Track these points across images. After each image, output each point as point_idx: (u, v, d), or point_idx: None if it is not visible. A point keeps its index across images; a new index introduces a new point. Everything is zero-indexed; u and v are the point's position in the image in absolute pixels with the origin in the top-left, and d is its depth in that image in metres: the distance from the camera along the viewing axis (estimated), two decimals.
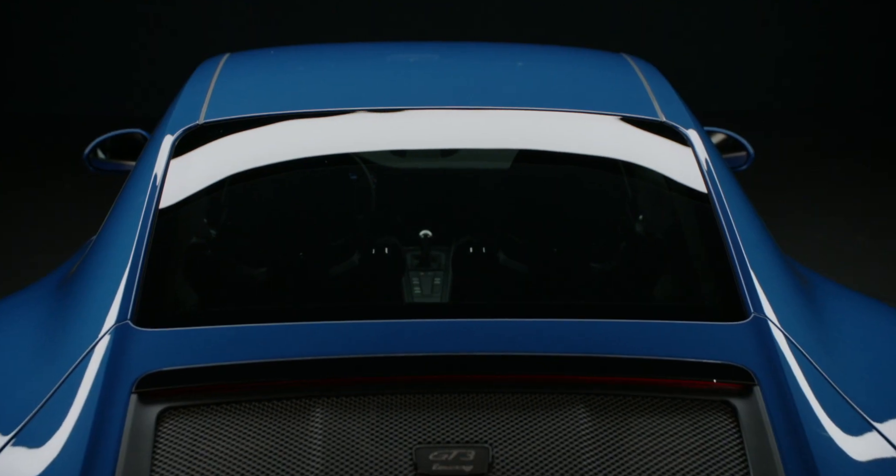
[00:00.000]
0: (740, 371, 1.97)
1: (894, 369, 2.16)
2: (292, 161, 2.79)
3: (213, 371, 1.95)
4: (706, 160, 2.58)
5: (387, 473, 1.77)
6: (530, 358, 1.99)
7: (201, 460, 1.79)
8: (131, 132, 3.61)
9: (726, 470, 1.79)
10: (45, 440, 1.83)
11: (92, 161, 3.50)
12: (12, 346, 2.19)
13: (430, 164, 3.37)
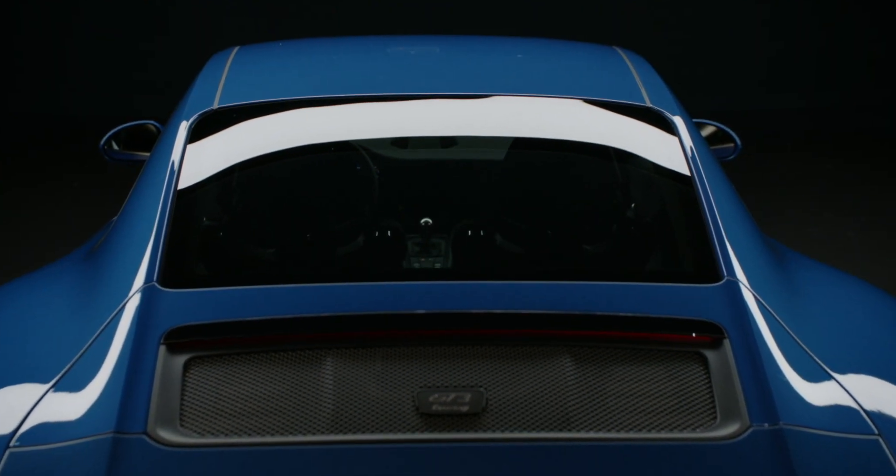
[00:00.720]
0: (711, 326, 2.19)
1: (855, 328, 2.39)
2: (302, 145, 3.02)
3: (233, 325, 2.18)
4: (690, 143, 2.80)
5: (391, 413, 1.98)
6: (521, 315, 2.21)
7: (224, 401, 2.01)
8: (144, 123, 3.85)
9: (696, 410, 2.01)
10: (85, 384, 2.05)
11: (107, 152, 3.73)
12: (49, 306, 2.42)
13: (430, 156, 3.61)
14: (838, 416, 2.01)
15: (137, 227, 2.52)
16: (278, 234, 2.89)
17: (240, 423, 1.95)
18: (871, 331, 2.40)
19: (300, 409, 1.98)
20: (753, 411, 1.98)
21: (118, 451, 1.86)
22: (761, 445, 1.91)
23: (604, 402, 2.01)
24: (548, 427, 1.95)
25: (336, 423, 1.95)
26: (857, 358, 2.21)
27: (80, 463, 1.85)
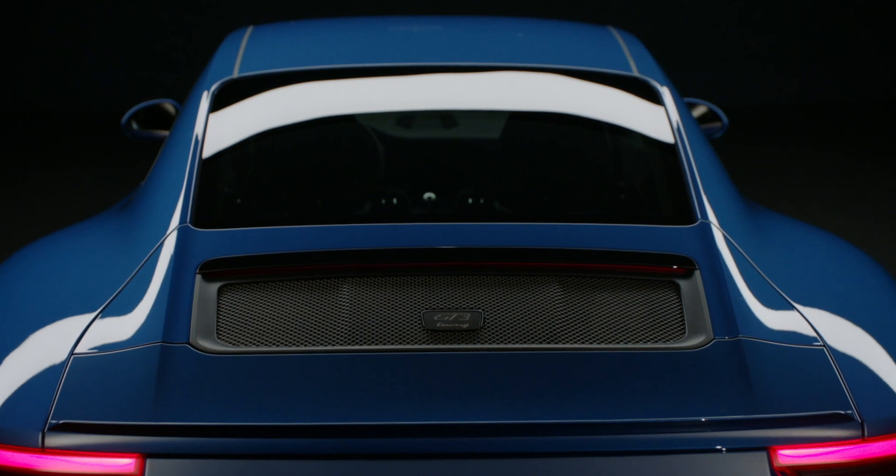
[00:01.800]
0: (684, 259, 2.51)
1: (813, 265, 2.71)
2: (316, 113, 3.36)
3: (260, 258, 2.50)
4: (674, 109, 3.14)
5: (400, 331, 2.30)
6: (516, 250, 2.54)
7: (254, 319, 2.33)
8: (163, 102, 4.19)
9: (667, 327, 2.33)
10: (134, 306, 2.37)
11: (129, 129, 4.07)
12: (94, 246, 2.75)
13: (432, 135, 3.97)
14: (790, 331, 2.32)
15: (169, 179, 2.85)
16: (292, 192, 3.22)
17: (268, 337, 2.27)
18: (828, 267, 2.72)
19: (320, 326, 2.30)
20: (717, 326, 2.30)
21: (166, 357, 2.18)
22: (722, 354, 2.22)
23: (587, 321, 2.33)
24: (537, 340, 2.26)
25: (352, 337, 2.26)
26: (812, 287, 2.53)
27: (135, 366, 2.17)
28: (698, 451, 2.02)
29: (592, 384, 2.14)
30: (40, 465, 2.01)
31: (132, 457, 1.99)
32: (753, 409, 2.06)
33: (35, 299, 2.51)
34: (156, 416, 2.03)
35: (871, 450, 2.06)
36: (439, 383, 2.14)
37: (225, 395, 2.09)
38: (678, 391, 2.12)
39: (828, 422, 2.05)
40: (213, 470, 1.98)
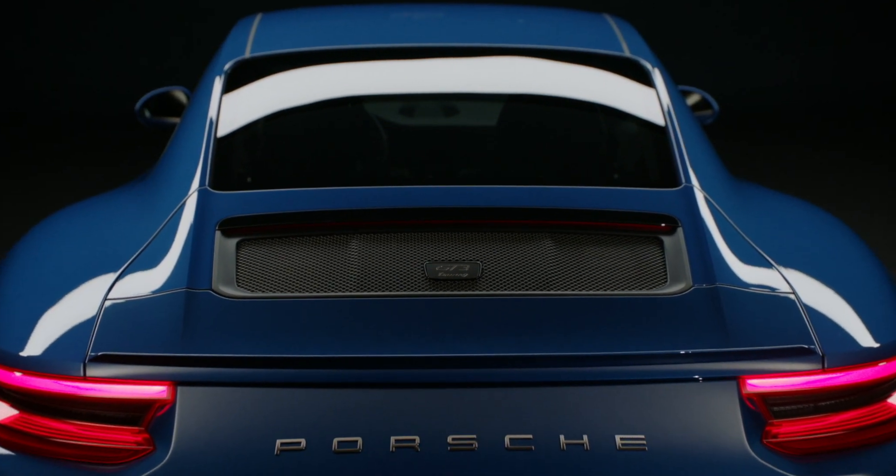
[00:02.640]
0: (668, 218, 2.76)
1: (788, 225, 2.96)
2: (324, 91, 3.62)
3: (275, 216, 2.75)
4: (663, 87, 3.40)
5: (404, 280, 2.54)
6: (512, 209, 2.79)
7: (270, 269, 2.58)
8: (174, 89, 4.45)
9: (651, 276, 2.57)
10: (160, 258, 2.61)
11: (142, 116, 4.34)
12: (119, 210, 3.00)
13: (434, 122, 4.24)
14: (763, 280, 2.57)
15: (187, 149, 3.10)
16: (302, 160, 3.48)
17: (283, 285, 2.52)
18: (801, 228, 2.97)
19: (331, 275, 2.55)
20: (696, 276, 2.55)
21: (191, 301, 2.43)
22: (700, 299, 2.47)
23: (577, 271, 2.58)
24: (531, 288, 2.51)
25: (360, 285, 2.51)
26: (785, 244, 2.78)
27: (163, 308, 2.42)
28: (676, 380, 2.27)
29: (581, 324, 2.39)
30: (83, 392, 2.25)
31: (165, 384, 2.24)
32: (725, 343, 2.31)
33: (69, 254, 2.76)
34: (184, 350, 2.27)
35: (829, 380, 2.31)
36: (440, 323, 2.38)
37: (246, 332, 2.34)
38: (658, 329, 2.37)
39: (792, 355, 2.30)
40: (235, 396, 2.23)
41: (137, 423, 2.24)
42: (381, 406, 2.22)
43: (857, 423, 2.32)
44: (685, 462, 2.19)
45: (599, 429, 2.21)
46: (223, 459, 2.17)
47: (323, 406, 2.22)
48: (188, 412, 2.21)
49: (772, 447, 2.25)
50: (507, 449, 2.19)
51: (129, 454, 2.22)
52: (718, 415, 2.24)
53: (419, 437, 2.19)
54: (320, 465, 2.16)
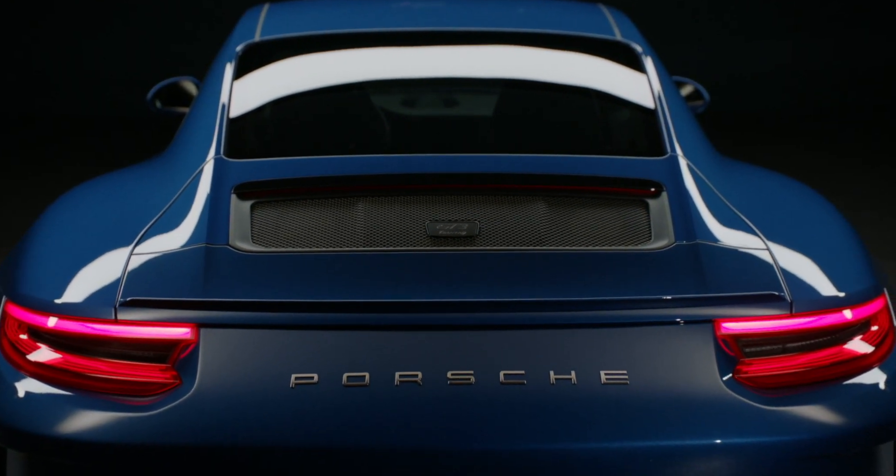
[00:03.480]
0: (654, 183, 3.01)
1: (766, 192, 3.21)
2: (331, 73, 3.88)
3: (287, 181, 3.00)
4: (652, 68, 3.66)
5: (407, 236, 2.78)
6: (508, 174, 3.04)
7: (282, 228, 2.82)
8: (183, 79, 4.71)
9: (636, 234, 2.81)
10: (181, 218, 2.86)
11: (153, 105, 4.60)
12: (139, 178, 3.25)
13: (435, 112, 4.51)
14: (739, 237, 2.82)
15: (202, 124, 3.35)
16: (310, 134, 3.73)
17: (295, 242, 2.76)
18: (777, 194, 3.23)
19: (339, 233, 2.79)
20: (678, 233, 2.79)
21: (210, 254, 2.68)
22: (681, 253, 2.72)
23: (568, 229, 2.83)
24: (525, 244, 2.76)
25: (366, 241, 2.75)
26: (762, 207, 3.02)
27: (184, 261, 2.67)
28: (657, 323, 2.52)
29: (571, 274, 2.64)
30: (115, 334, 2.50)
31: (188, 327, 2.49)
32: (702, 290, 2.56)
33: (95, 216, 3.01)
34: (205, 295, 2.52)
35: (796, 324, 2.56)
36: (441, 273, 2.63)
37: (261, 281, 2.59)
38: (641, 279, 2.62)
39: (763, 301, 2.55)
40: (253, 337, 2.48)
41: (165, 361, 2.48)
42: (387, 345, 2.47)
43: (820, 363, 2.56)
44: (663, 394, 2.44)
45: (586, 365, 2.45)
46: (243, 391, 2.42)
47: (333, 345, 2.47)
48: (210, 351, 2.46)
49: (742, 382, 2.49)
50: (502, 383, 2.43)
51: (159, 387, 2.47)
52: (695, 354, 2.49)
53: (421, 373, 2.43)
54: (331, 397, 2.41)
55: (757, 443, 2.42)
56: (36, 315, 2.57)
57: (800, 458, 2.44)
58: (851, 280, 2.69)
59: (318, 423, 2.38)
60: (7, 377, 2.53)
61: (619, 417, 2.40)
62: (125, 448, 2.38)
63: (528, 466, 2.38)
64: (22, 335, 2.58)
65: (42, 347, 2.55)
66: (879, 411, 2.52)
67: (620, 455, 2.38)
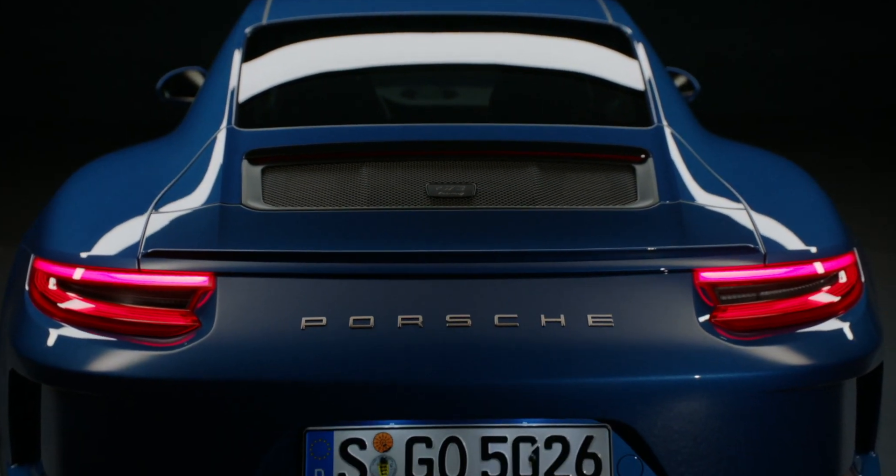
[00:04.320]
0: (641, 150, 3.25)
1: (746, 161, 3.45)
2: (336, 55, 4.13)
3: (295, 148, 3.24)
4: (642, 50, 3.90)
5: (408, 196, 3.00)
6: (503, 142, 3.28)
7: (292, 190, 3.05)
8: (190, 69, 4.97)
9: (624, 195, 3.04)
10: (197, 181, 3.09)
11: (161, 94, 4.85)
12: (156, 148, 3.50)
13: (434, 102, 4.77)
14: (719, 198, 3.05)
15: (214, 98, 3.60)
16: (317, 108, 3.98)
17: (304, 202, 3.00)
18: (757, 162, 3.47)
19: (345, 194, 3.03)
20: (662, 193, 3.03)
21: (224, 212, 2.91)
22: (664, 211, 2.95)
23: (559, 192, 3.06)
24: (519, 204, 2.99)
25: (370, 201, 2.99)
26: (742, 173, 3.26)
27: (201, 218, 2.90)
28: (640, 272, 2.75)
29: (561, 228, 2.87)
30: (138, 282, 2.74)
31: (206, 275, 2.72)
32: (683, 243, 2.80)
33: (115, 181, 3.25)
34: (221, 247, 2.76)
35: (768, 274, 2.79)
36: (440, 228, 2.87)
37: (272, 234, 2.82)
38: (627, 232, 2.85)
39: (738, 252, 2.78)
40: (266, 284, 2.71)
41: (185, 307, 2.72)
42: (390, 292, 2.71)
43: (790, 310, 2.80)
44: (645, 335, 2.67)
45: (574, 309, 2.69)
46: (258, 332, 2.65)
47: (340, 292, 2.70)
48: (227, 297, 2.70)
49: (717, 325, 2.73)
50: (496, 325, 2.67)
51: (181, 330, 2.70)
52: (675, 300, 2.72)
53: (422, 316, 2.67)
54: (339, 338, 2.64)
55: (730, 378, 2.65)
56: (64, 267, 2.81)
57: (768, 391, 2.68)
58: (822, 238, 2.93)
59: (326, 360, 2.62)
60: (39, 323, 2.77)
61: (604, 356, 2.64)
62: (150, 382, 2.62)
63: (520, 399, 2.61)
64: (51, 286, 2.81)
65: (70, 296, 2.78)
66: (842, 352, 2.76)
67: (606, 389, 2.61)
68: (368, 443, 2.64)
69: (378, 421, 2.63)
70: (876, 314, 2.94)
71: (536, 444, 2.64)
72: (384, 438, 2.64)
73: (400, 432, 2.64)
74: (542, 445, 2.64)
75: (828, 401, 2.76)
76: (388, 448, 2.64)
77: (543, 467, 2.64)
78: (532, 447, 2.64)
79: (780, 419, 2.69)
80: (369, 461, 2.63)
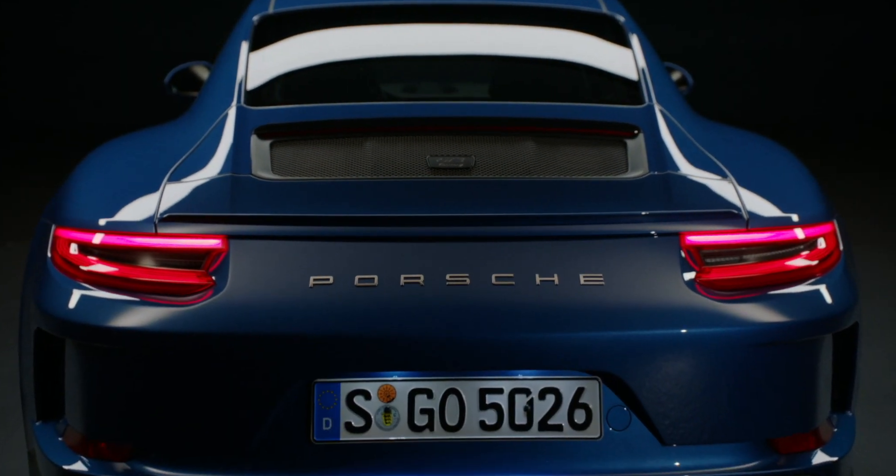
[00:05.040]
0: (632, 125, 3.44)
1: (733, 138, 3.66)
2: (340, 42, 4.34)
3: (302, 123, 3.44)
4: (636, 37, 4.11)
5: (410, 167, 3.18)
6: (501, 118, 3.48)
7: (299, 162, 3.24)
8: (196, 64, 5.17)
9: (615, 166, 3.23)
10: (210, 154, 3.28)
11: (169, 88, 5.06)
12: (167, 128, 3.71)
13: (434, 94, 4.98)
14: (706, 170, 3.24)
15: (223, 81, 3.80)
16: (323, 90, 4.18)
17: (311, 172, 3.19)
18: (742, 139, 3.68)
19: (350, 166, 3.22)
20: (652, 165, 3.22)
21: (235, 181, 3.10)
22: (654, 181, 3.15)
23: (554, 163, 3.25)
24: (515, 174, 3.19)
25: (374, 171, 3.18)
26: (729, 149, 3.46)
27: (213, 187, 3.09)
28: (630, 235, 2.94)
29: (556, 195, 3.06)
30: (155, 245, 2.93)
31: (219, 238, 2.91)
32: (670, 208, 2.99)
33: (131, 157, 3.46)
34: (233, 211, 2.95)
35: (750, 237, 2.99)
36: (440, 195, 3.06)
37: (281, 200, 3.02)
38: (618, 199, 3.05)
39: (723, 217, 2.98)
40: (276, 246, 2.89)
41: (200, 267, 2.91)
42: (393, 253, 2.90)
43: (770, 271, 3.00)
44: (634, 293, 2.86)
45: (567, 270, 2.88)
46: (269, 290, 2.84)
47: (345, 253, 2.90)
48: (239, 258, 2.89)
49: (701, 284, 2.92)
50: (493, 284, 2.86)
51: (196, 288, 2.89)
52: (662, 261, 2.91)
53: (423, 276, 2.86)
54: (345, 296, 2.83)
55: (712, 333, 2.85)
56: (84, 233, 3.00)
57: (748, 345, 2.87)
58: (803, 207, 3.12)
59: (332, 316, 2.81)
60: (62, 284, 2.96)
61: (594, 312, 2.83)
62: (169, 336, 2.81)
63: (515, 352, 2.80)
64: (72, 251, 3.00)
65: (91, 260, 2.98)
66: (817, 310, 2.96)
67: (596, 343, 2.81)
68: (373, 394, 2.83)
69: (382, 373, 2.83)
70: (852, 279, 3.13)
71: (531, 395, 2.84)
72: (388, 390, 2.83)
73: (403, 384, 2.83)
74: (537, 396, 2.84)
75: (805, 355, 2.95)
76: (391, 399, 2.83)
77: (537, 417, 2.84)
78: (527, 398, 2.84)
79: (760, 372, 2.89)
80: (374, 411, 2.83)
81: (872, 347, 5.32)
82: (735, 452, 2.90)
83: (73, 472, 2.90)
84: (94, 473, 2.87)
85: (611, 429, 2.85)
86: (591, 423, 2.84)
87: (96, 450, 2.91)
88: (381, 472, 2.82)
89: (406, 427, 2.83)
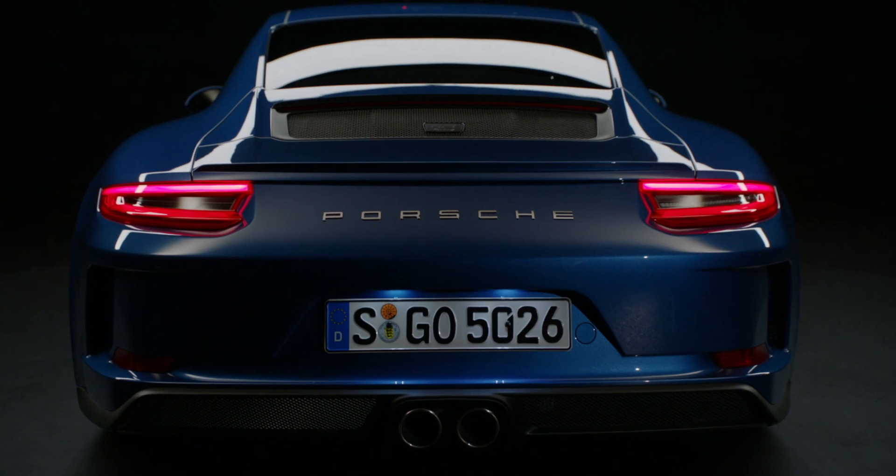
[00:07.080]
0: (601, 102, 4.09)
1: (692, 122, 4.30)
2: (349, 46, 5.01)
3: (314, 99, 4.08)
4: (610, 44, 4.78)
5: (408, 131, 3.80)
6: (488, 95, 4.13)
7: (313, 128, 3.86)
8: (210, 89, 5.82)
9: (586, 134, 3.86)
10: (233, 127, 3.90)
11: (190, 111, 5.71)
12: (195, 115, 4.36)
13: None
14: (665, 138, 3.87)
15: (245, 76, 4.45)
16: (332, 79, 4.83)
17: (323, 134, 3.81)
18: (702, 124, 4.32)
19: (357, 131, 3.85)
20: (617, 131, 3.85)
21: (258, 142, 3.72)
22: (619, 142, 3.76)
23: (534, 128, 3.88)
24: (500, 136, 3.81)
25: (378, 134, 3.81)
26: (685, 126, 4.10)
27: (238, 147, 3.69)
28: (597, 181, 3.54)
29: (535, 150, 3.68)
30: (192, 190, 3.52)
31: (245, 183, 3.51)
32: (632, 159, 3.61)
33: (165, 133, 4.10)
34: (256, 160, 3.56)
35: (697, 186, 3.59)
36: (435, 149, 3.68)
37: (297, 153, 3.64)
38: (587, 154, 3.67)
39: (675, 168, 3.59)
40: (292, 189, 3.48)
41: (230, 208, 3.51)
42: (394, 193, 3.49)
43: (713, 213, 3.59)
44: (599, 228, 3.46)
45: (542, 207, 3.48)
46: (289, 223, 3.44)
47: (353, 193, 3.49)
48: (263, 200, 3.48)
49: (656, 221, 3.53)
50: (479, 218, 3.46)
51: (228, 224, 3.47)
52: (624, 202, 3.52)
53: (419, 211, 3.46)
54: (353, 228, 3.43)
55: (664, 258, 3.44)
56: (129, 187, 3.60)
57: (694, 270, 3.46)
58: (746, 169, 3.73)
59: (343, 244, 3.40)
60: (111, 228, 3.55)
61: (565, 241, 3.43)
62: (203, 260, 3.40)
63: (498, 274, 3.40)
64: (118, 202, 3.60)
65: (136, 207, 3.58)
66: (753, 244, 3.54)
67: (566, 266, 3.40)
68: (377, 312, 3.42)
69: (384, 293, 3.42)
70: (785, 229, 3.68)
71: (511, 313, 3.43)
72: (390, 308, 3.43)
73: (402, 304, 3.42)
74: (516, 314, 3.43)
75: (743, 283, 3.54)
76: (392, 316, 3.42)
77: (517, 331, 3.43)
78: (508, 315, 3.43)
79: (704, 294, 3.48)
80: (378, 326, 3.42)
81: None
82: (684, 363, 3.49)
83: (124, 382, 3.48)
84: (141, 381, 3.46)
85: (579, 341, 3.44)
86: (562, 337, 3.42)
87: (143, 363, 3.49)
88: (384, 377, 3.40)
89: (405, 340, 3.42)
